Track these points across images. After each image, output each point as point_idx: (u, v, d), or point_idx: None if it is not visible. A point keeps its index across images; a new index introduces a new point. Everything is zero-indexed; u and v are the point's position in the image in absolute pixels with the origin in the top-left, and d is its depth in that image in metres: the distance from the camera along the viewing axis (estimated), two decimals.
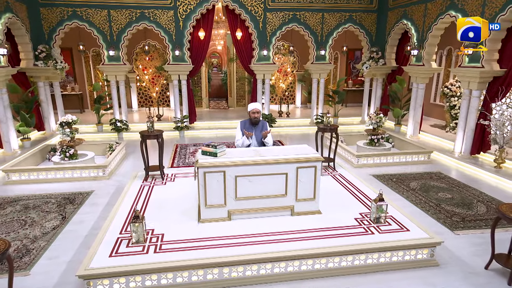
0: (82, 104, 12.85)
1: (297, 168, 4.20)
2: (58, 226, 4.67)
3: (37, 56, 9.05)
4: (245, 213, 4.27)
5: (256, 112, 5.08)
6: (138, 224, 3.74)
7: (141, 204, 4.84)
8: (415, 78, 9.24)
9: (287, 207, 4.34)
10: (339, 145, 7.80)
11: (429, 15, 8.51)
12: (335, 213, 4.47)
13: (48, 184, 6.27)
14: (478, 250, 4.13)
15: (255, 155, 4.31)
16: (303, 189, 4.29)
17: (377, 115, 7.59)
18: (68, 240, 4.34)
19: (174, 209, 4.64)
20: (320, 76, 10.97)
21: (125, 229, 4.08)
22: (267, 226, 4.10)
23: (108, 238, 3.86)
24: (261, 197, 4.25)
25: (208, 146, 4.32)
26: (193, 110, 10.94)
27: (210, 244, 3.74)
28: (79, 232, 4.53)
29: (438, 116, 11.42)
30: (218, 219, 4.24)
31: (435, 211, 5.20)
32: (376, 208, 4.10)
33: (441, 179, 6.59)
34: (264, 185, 4.21)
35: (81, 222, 4.81)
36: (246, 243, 3.75)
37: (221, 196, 4.19)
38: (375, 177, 6.62)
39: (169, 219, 4.34)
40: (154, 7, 9.65)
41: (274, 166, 4.16)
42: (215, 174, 4.11)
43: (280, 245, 3.71)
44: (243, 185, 4.18)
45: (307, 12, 10.35)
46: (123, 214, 4.49)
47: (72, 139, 6.94)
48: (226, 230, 4.03)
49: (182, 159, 7.84)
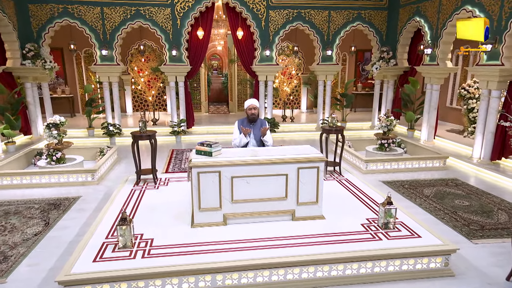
0: (73, 108, 12.95)
1: (298, 168, 4.17)
2: (40, 232, 4.65)
3: (25, 55, 9.16)
4: (242, 217, 4.23)
5: (253, 108, 5.10)
6: (126, 227, 3.72)
7: (130, 208, 4.82)
8: (429, 79, 9.23)
9: (288, 211, 4.29)
10: (346, 150, 7.79)
11: (444, 11, 8.55)
12: (340, 218, 4.41)
13: (32, 189, 6.28)
14: (498, 260, 4.04)
15: (253, 154, 4.29)
16: (305, 191, 4.25)
17: (387, 117, 7.56)
18: (50, 246, 4.32)
19: (166, 214, 4.62)
20: (327, 78, 11.00)
21: (111, 234, 4.06)
22: (266, 231, 4.06)
23: (92, 243, 3.84)
24: (260, 200, 4.22)
25: (203, 145, 4.31)
26: (191, 114, 10.98)
27: (203, 249, 3.70)
28: (62, 239, 4.51)
29: (455, 120, 11.36)
30: (212, 224, 4.20)
31: (450, 218, 5.12)
32: (384, 213, 4.05)
33: (457, 186, 6.51)
34: (262, 187, 4.19)
35: (66, 228, 4.79)
36: (242, 248, 3.71)
37: (216, 198, 4.16)
38: (385, 184, 6.56)
39: (160, 224, 4.32)
40: (150, 4, 9.79)
41: (273, 166, 4.14)
42: (209, 174, 4.09)
43: (279, 250, 3.66)
44: (240, 186, 4.15)
45: (312, 10, 10.44)
46: (111, 218, 4.47)
47: (59, 142, 6.97)
48: (221, 235, 3.99)
49: (178, 164, 7.84)
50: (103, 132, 9.90)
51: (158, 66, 10.91)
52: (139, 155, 6.01)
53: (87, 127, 10.32)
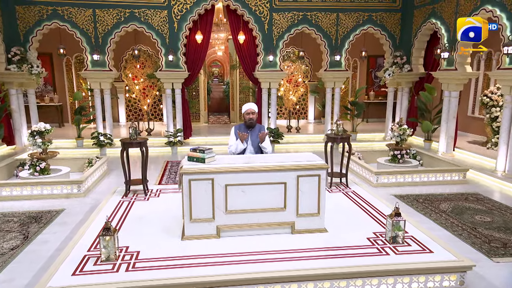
0: (62, 117, 13.15)
1: (297, 176, 4.20)
2: (17, 247, 4.68)
3: (10, 60, 9.35)
4: (237, 229, 4.24)
5: (251, 113, 5.17)
6: (109, 238, 3.75)
7: (117, 220, 4.86)
8: (447, 85, 9.26)
9: (287, 223, 4.30)
10: (356, 161, 7.80)
11: (462, 12, 8.64)
12: (344, 232, 4.41)
13: (12, 202, 6.32)
14: None
15: (249, 161, 4.33)
16: (305, 202, 4.27)
17: (400, 126, 7.58)
18: (27, 261, 4.34)
19: (155, 226, 4.65)
20: (335, 85, 11.09)
21: (94, 247, 4.10)
22: (262, 245, 4.07)
23: (73, 256, 3.87)
24: (256, 210, 4.24)
25: (195, 151, 4.36)
26: (189, 124, 11.09)
27: (193, 263, 3.71)
28: (41, 253, 4.53)
29: (478, 130, 11.32)
30: (205, 236, 4.22)
31: (469, 235, 5.07)
32: (392, 225, 4.04)
33: (478, 200, 6.46)
34: (259, 197, 4.21)
35: (45, 242, 4.81)
36: (235, 262, 3.72)
37: (208, 208, 4.19)
38: (398, 198, 6.53)
39: (147, 236, 4.35)
40: (145, 6, 10.02)
41: (270, 173, 4.17)
42: (202, 182, 4.13)
43: (276, 264, 3.66)
44: (235, 195, 4.18)
45: (319, 13, 10.61)
46: (95, 230, 4.50)
47: (44, 151, 7.07)
48: (214, 248, 4.01)
49: (172, 176, 7.89)
50: (93, 142, 10.02)
51: (154, 73, 11.07)
52: (129, 164, 6.07)
53: (76, 137, 10.45)
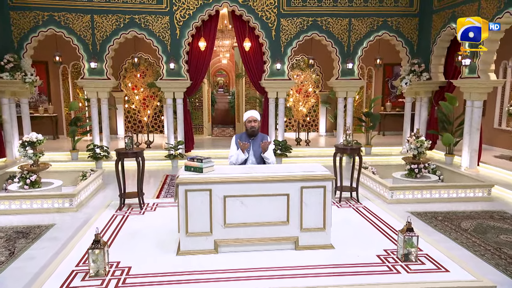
0: (57, 129, 13.35)
1: (301, 187, 4.22)
2: (2, 263, 4.73)
3: (3, 67, 9.52)
4: (236, 244, 4.27)
5: (253, 121, 5.22)
6: (99, 252, 3.79)
7: (109, 234, 4.91)
8: (469, 95, 9.24)
9: (290, 239, 4.31)
10: (369, 176, 7.78)
11: (483, 15, 8.67)
12: (352, 248, 4.41)
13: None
14: None
15: (249, 171, 4.37)
16: (310, 215, 4.28)
17: (417, 137, 7.57)
18: (12, 278, 4.37)
19: (149, 241, 4.69)
20: (348, 94, 11.13)
21: (83, 262, 4.14)
22: (263, 261, 4.08)
23: (60, 271, 3.93)
24: (257, 224, 4.26)
25: (193, 160, 4.42)
26: (191, 136, 11.19)
27: (189, 279, 3.75)
28: (27, 270, 4.56)
29: (505, 144, 11.19)
30: (201, 251, 4.24)
31: (493, 256, 5.00)
32: (404, 241, 4.02)
33: (504, 219, 6.39)
34: (260, 209, 4.24)
35: (32, 259, 4.86)
36: (235, 278, 3.75)
37: (206, 221, 4.22)
38: (414, 215, 6.48)
39: (140, 251, 4.40)
40: (146, 12, 10.25)
41: (272, 184, 4.21)
42: (199, 193, 4.18)
43: (279, 281, 3.68)
44: (234, 208, 4.21)
45: (330, 18, 10.73)
46: (84, 245, 4.54)
47: (35, 163, 7.19)
48: (211, 264, 4.03)
49: (171, 190, 7.91)
50: (89, 155, 10.14)
51: (154, 81, 11.22)
52: (124, 176, 6.14)
53: (71, 149, 10.59)
